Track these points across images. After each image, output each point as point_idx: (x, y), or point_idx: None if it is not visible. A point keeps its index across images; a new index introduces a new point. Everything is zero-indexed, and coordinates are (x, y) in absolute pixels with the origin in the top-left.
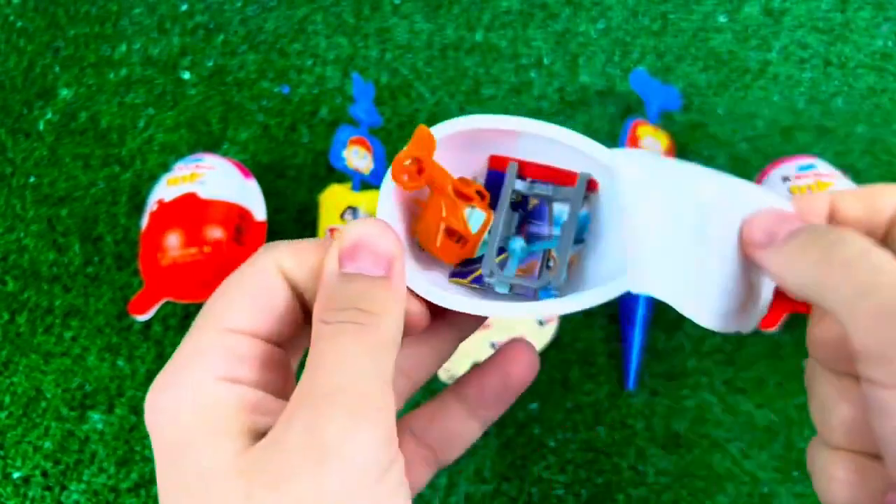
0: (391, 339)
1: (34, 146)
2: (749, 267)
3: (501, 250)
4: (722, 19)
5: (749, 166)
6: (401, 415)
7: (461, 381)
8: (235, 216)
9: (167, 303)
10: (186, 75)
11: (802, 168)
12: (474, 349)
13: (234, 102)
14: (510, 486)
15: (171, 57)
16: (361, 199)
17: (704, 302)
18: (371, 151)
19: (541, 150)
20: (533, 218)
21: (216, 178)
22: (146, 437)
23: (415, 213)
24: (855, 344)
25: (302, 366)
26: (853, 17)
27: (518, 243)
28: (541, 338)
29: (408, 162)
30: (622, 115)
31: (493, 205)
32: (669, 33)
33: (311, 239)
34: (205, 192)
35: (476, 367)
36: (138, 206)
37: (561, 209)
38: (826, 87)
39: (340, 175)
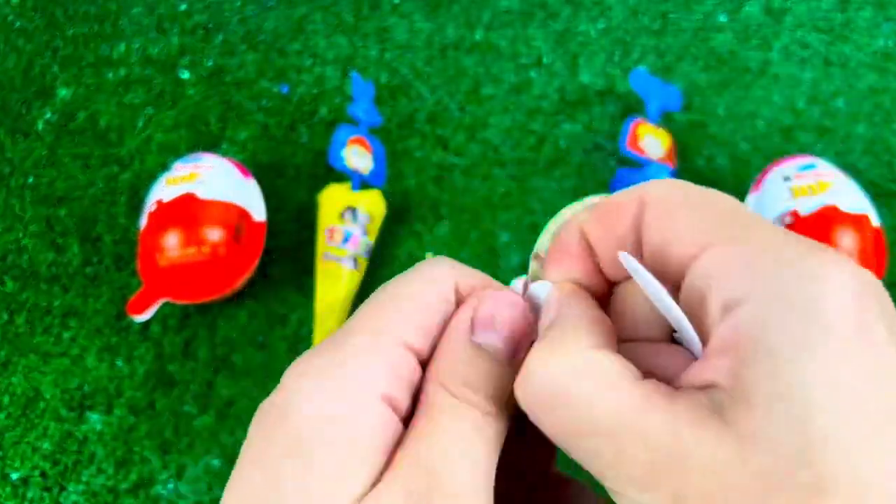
0: (503, 432)
1: (33, 146)
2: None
3: None
4: (722, 19)
5: (749, 166)
6: None
7: None
8: (234, 216)
9: (166, 303)
10: (185, 75)
11: (803, 168)
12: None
13: (233, 102)
14: None
15: (170, 57)
16: (360, 198)
17: None
18: (370, 151)
19: None
20: None
21: (215, 178)
22: (145, 437)
23: None
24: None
25: None
26: (854, 16)
27: None
28: None
29: None
30: (622, 115)
31: None
32: (670, 33)
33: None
34: (204, 192)
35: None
36: (137, 206)
37: None
38: (827, 86)
39: (340, 175)
